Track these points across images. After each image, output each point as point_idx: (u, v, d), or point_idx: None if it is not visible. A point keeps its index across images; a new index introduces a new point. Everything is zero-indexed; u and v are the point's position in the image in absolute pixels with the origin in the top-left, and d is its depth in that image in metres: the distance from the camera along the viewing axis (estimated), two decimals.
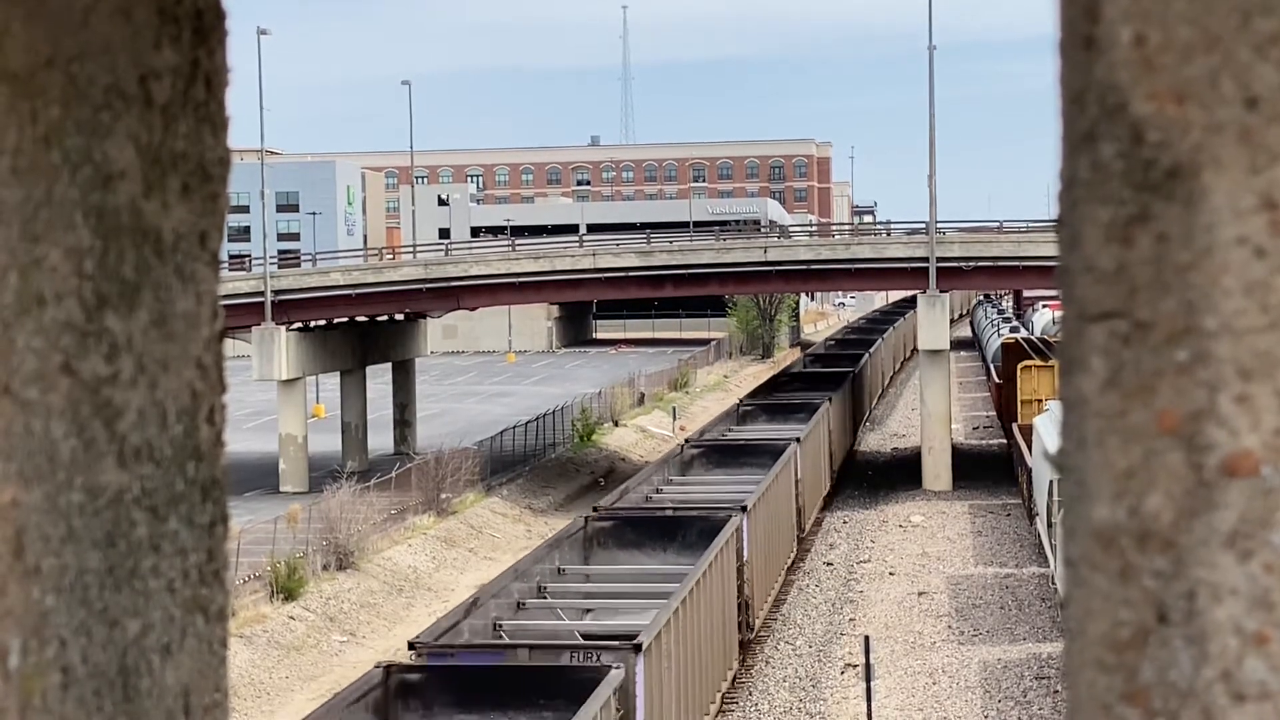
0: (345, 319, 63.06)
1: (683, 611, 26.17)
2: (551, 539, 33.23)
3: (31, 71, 1.62)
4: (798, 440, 45.33)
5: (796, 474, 44.53)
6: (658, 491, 40.57)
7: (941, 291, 59.31)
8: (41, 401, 1.60)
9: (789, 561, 43.25)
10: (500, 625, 26.19)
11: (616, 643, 23.18)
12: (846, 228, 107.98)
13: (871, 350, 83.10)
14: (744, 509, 34.16)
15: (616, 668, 21.51)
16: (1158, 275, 1.38)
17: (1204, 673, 1.36)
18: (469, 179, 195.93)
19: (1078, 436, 1.42)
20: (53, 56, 1.62)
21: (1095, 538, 1.41)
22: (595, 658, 22.23)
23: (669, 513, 35.05)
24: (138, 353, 1.65)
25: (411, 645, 22.81)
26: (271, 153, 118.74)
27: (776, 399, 59.06)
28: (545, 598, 29.08)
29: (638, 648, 22.53)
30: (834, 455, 56.84)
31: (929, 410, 59.09)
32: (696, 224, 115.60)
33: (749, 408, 57.33)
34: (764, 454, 43.60)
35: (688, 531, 32.90)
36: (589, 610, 29.00)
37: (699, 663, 27.88)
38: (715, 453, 46.00)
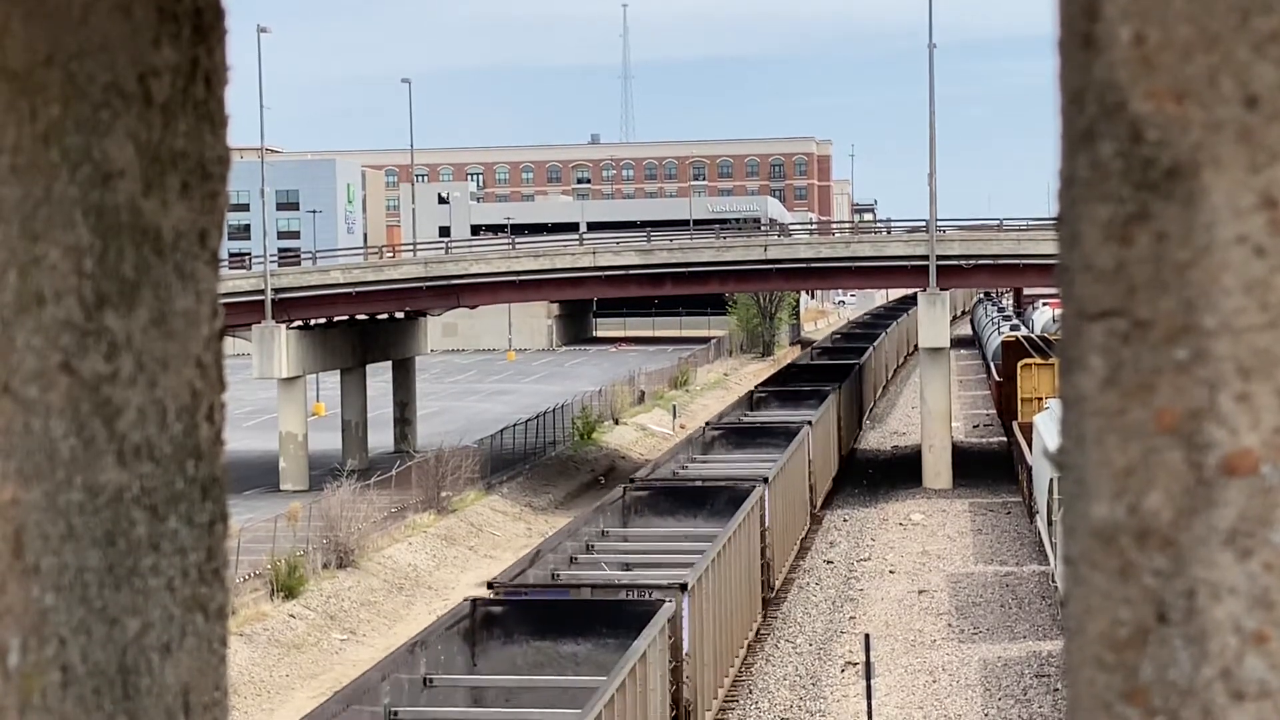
0: (345, 317, 63.04)
1: (718, 563, 29.84)
2: (595, 506, 36.98)
3: (30, 69, 1.62)
4: (810, 423, 48.42)
5: (809, 454, 47.69)
6: (684, 468, 43.88)
7: (942, 289, 59.29)
8: (41, 400, 1.60)
9: (803, 533, 46.59)
10: (558, 574, 29.74)
11: (665, 582, 26.84)
12: (847, 226, 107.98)
13: (875, 344, 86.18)
14: (766, 481, 37.63)
15: (668, 602, 25.12)
16: (1157, 274, 1.37)
17: (1203, 671, 1.36)
18: (469, 177, 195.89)
19: (1077, 435, 1.42)
20: (52, 54, 1.62)
21: (1095, 536, 1.40)
22: (648, 595, 25.77)
23: (698, 484, 38.72)
24: (137, 351, 1.65)
25: (490, 585, 26.48)
26: (272, 151, 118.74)
27: (788, 387, 62.32)
28: (593, 554, 32.62)
29: (684, 587, 26.37)
30: (842, 440, 59.91)
31: (929, 408, 59.07)
32: (696, 222, 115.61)
33: (762, 395, 60.97)
34: (779, 435, 46.93)
35: (715, 500, 36.32)
36: (629, 567, 31.92)
37: (730, 611, 31.70)
38: (734, 434, 49.55)
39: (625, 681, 21.24)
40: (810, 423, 48.55)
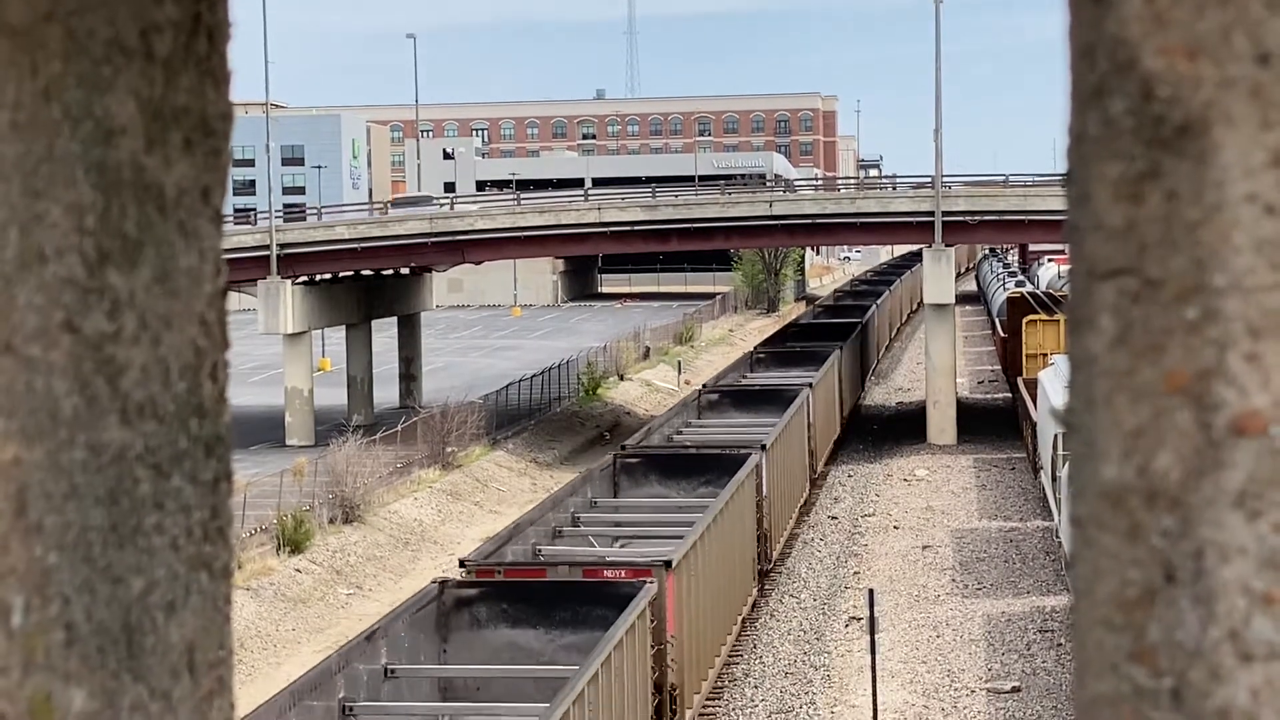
0: (351, 273, 63.01)
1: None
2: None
3: (31, 25, 1.60)
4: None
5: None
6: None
7: (947, 245, 59.21)
8: (43, 359, 1.59)
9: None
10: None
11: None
12: (852, 181, 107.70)
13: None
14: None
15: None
16: (1167, 232, 1.36)
17: (1211, 632, 1.36)
18: (474, 133, 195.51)
19: (1086, 395, 1.42)
20: (53, 10, 1.61)
21: (1103, 497, 1.40)
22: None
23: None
24: (140, 309, 1.64)
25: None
26: (277, 106, 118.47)
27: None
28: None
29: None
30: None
31: (934, 364, 59.07)
32: (702, 178, 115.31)
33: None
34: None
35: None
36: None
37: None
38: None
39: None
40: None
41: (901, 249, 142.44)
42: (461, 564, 25.23)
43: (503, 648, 23.12)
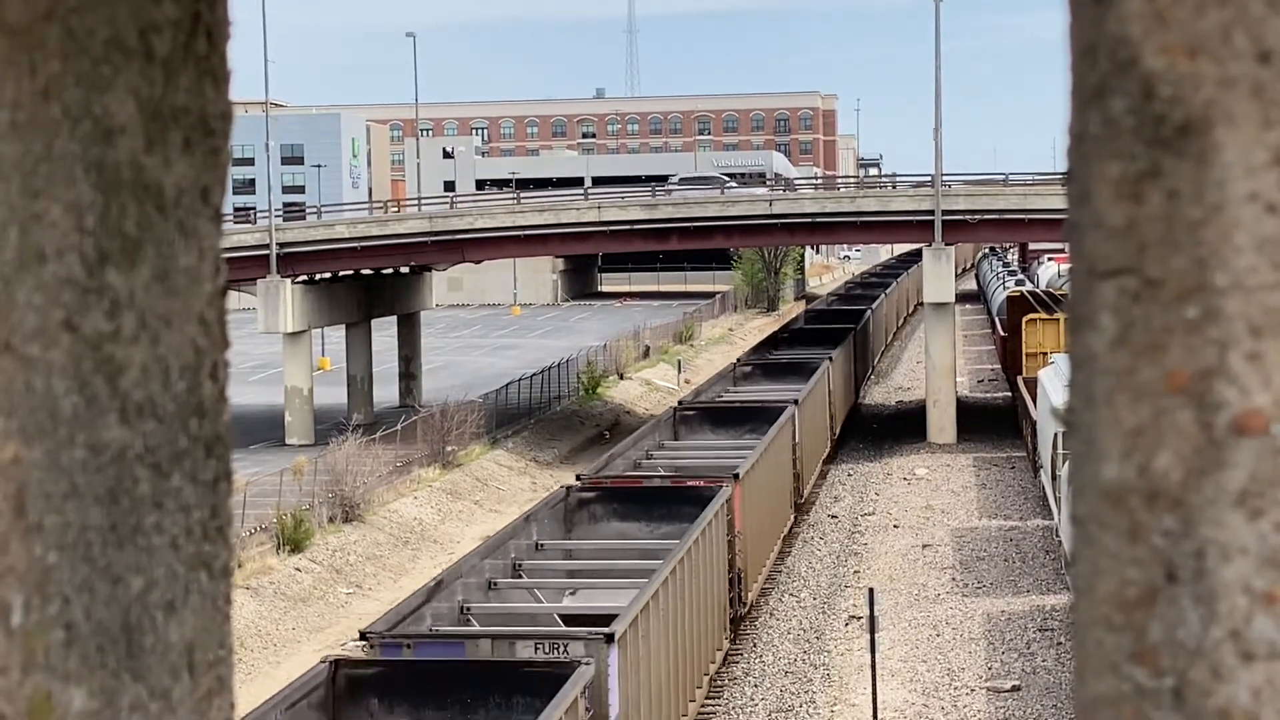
0: (350, 272, 62.96)
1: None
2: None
3: (30, 24, 1.60)
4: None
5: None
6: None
7: (947, 244, 59.19)
8: (42, 358, 1.59)
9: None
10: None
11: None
12: (852, 180, 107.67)
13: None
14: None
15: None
16: (1168, 232, 1.36)
17: (1212, 632, 1.36)
18: (474, 132, 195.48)
19: (1086, 394, 1.41)
20: (52, 9, 1.60)
21: (1104, 496, 1.40)
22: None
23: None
24: (139, 309, 1.64)
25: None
26: (276, 104, 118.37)
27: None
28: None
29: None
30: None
31: (934, 363, 59.06)
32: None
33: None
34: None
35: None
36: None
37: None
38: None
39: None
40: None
41: (901, 248, 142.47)
42: (578, 478, 32.98)
43: (613, 535, 30.72)
